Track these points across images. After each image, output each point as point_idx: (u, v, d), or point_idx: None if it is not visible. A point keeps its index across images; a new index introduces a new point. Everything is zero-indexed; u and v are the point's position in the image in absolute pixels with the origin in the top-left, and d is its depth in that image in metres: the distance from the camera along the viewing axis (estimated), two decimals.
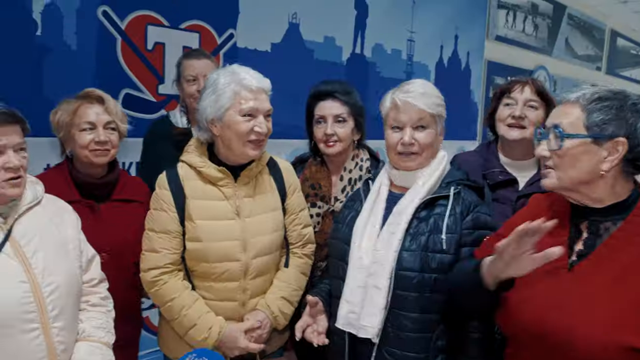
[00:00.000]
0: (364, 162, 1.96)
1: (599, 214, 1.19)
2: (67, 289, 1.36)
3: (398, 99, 1.50)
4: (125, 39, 2.47)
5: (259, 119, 1.57)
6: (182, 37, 2.67)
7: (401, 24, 3.97)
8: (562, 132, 1.16)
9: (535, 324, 1.18)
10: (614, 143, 1.13)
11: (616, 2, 6.39)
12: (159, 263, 1.58)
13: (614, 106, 1.14)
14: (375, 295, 1.43)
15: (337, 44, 3.50)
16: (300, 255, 1.77)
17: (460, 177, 1.54)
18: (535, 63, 5.63)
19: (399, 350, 1.44)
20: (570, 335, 1.11)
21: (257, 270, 1.64)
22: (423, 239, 1.43)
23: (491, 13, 4.87)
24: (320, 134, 1.91)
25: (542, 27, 5.69)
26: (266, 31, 3.07)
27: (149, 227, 1.63)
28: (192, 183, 1.61)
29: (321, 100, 1.92)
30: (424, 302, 1.41)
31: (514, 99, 1.87)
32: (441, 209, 1.47)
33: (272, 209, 1.69)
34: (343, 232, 1.59)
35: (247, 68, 1.61)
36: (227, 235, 1.60)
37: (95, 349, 1.42)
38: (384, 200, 1.55)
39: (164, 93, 2.64)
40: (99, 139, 1.70)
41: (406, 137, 1.50)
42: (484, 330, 1.42)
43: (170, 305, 1.58)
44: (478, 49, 4.77)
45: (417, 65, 4.15)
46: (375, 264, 1.45)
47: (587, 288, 1.13)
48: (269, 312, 1.66)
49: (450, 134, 4.72)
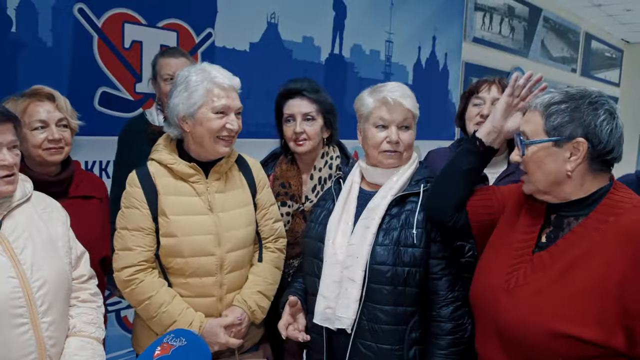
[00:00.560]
0: (334, 160, 1.98)
1: (564, 209, 1.25)
2: (57, 285, 1.37)
3: (389, 97, 1.52)
4: (101, 37, 2.46)
5: (230, 117, 1.60)
6: (159, 36, 2.67)
7: (379, 25, 4.02)
8: (523, 140, 1.24)
9: (489, 307, 1.27)
10: (574, 144, 1.17)
11: (590, 6, 6.54)
12: (134, 261, 1.58)
13: (569, 108, 1.19)
14: (350, 287, 1.47)
15: (315, 44, 3.53)
16: (273, 250, 1.79)
17: (428, 175, 1.59)
18: (511, 64, 5.73)
19: (374, 343, 1.47)
20: (515, 318, 1.19)
21: (232, 264, 1.65)
22: (395, 234, 1.48)
23: (468, 15, 4.95)
24: (289, 132, 1.92)
25: (518, 30, 5.80)
26: (244, 31, 3.09)
27: (121, 225, 1.62)
28: (163, 180, 1.62)
29: (290, 98, 1.93)
30: (397, 295, 1.45)
31: (482, 99, 1.92)
32: (412, 206, 1.51)
33: (244, 204, 1.71)
34: (316, 230, 1.62)
35: (217, 66, 1.63)
36: (201, 230, 1.61)
37: (86, 344, 1.43)
38: (355, 198, 1.59)
39: (142, 92, 2.64)
40: (53, 137, 1.67)
41: (393, 135, 1.52)
42: (456, 319, 1.47)
43: (148, 303, 1.57)
44: (455, 51, 4.84)
45: (396, 66, 4.21)
46: (350, 258, 1.48)
47: (540, 277, 1.19)
48: (246, 307, 1.67)
49: (428, 134, 4.79)
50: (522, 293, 1.20)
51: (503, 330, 1.22)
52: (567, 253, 1.18)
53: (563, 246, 1.20)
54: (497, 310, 1.24)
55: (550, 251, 1.22)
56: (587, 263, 1.14)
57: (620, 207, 1.18)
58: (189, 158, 1.65)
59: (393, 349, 1.47)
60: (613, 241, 1.13)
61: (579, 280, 1.14)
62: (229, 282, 1.66)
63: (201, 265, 1.61)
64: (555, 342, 1.13)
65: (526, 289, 1.20)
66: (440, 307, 1.47)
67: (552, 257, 1.20)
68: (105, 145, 2.46)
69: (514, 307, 1.20)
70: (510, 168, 1.86)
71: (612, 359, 1.12)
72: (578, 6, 6.57)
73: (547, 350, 1.14)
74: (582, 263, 1.15)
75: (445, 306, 1.46)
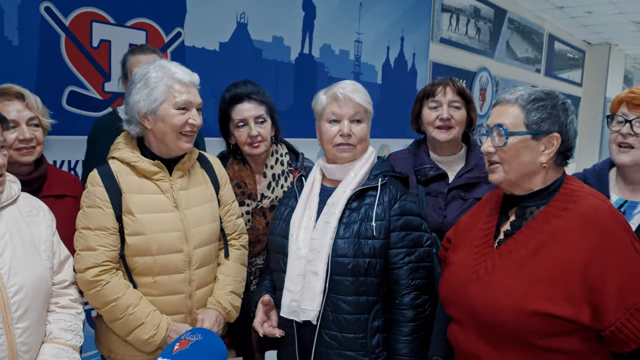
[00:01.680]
0: (283, 157, 2.04)
1: (526, 200, 1.34)
2: (34, 290, 1.35)
3: (338, 92, 1.59)
4: (69, 36, 2.45)
5: (192, 112, 1.61)
6: (128, 35, 2.67)
7: (348, 25, 4.08)
8: (507, 130, 1.30)
9: (463, 299, 1.34)
10: (550, 138, 1.29)
11: (553, 8, 6.73)
12: (98, 260, 1.54)
13: (548, 105, 1.30)
14: (313, 280, 1.52)
15: (285, 44, 3.57)
16: (238, 247, 1.82)
17: (386, 169, 1.65)
18: (478, 65, 5.86)
19: (338, 332, 1.53)
20: (487, 304, 1.27)
21: (200, 260, 1.67)
22: (355, 227, 1.54)
23: (435, 16, 5.05)
24: (244, 137, 1.94)
25: (484, 31, 5.93)
26: (214, 30, 3.10)
27: (83, 225, 1.57)
28: (126, 178, 1.61)
29: (238, 103, 1.95)
30: (358, 285, 1.51)
31: (438, 102, 1.95)
32: (371, 199, 1.57)
33: (209, 200, 1.73)
34: (280, 227, 1.67)
35: (175, 63, 1.65)
36: (169, 227, 1.61)
37: (61, 351, 1.41)
38: (317, 194, 1.65)
39: (110, 91, 2.63)
40: (24, 136, 1.65)
41: (345, 128, 1.59)
42: (417, 307, 1.53)
43: (114, 305, 1.54)
44: (423, 51, 4.94)
45: (365, 66, 4.27)
46: (312, 252, 1.54)
47: (507, 262, 1.29)
48: (221, 309, 1.70)
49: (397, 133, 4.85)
50: (491, 279, 1.29)
51: (479, 317, 1.29)
52: (532, 238, 1.28)
53: (527, 233, 1.30)
54: (469, 300, 1.31)
55: (515, 238, 1.31)
56: (552, 246, 1.24)
57: (576, 196, 1.29)
58: (151, 155, 1.64)
59: (357, 337, 1.53)
60: (574, 225, 1.24)
61: (546, 262, 1.23)
62: (197, 278, 1.67)
63: (170, 262, 1.61)
64: (529, 320, 1.21)
65: (495, 275, 1.29)
66: (402, 296, 1.53)
67: (518, 243, 1.30)
68: (73, 145, 2.45)
69: (486, 293, 1.28)
70: (469, 165, 1.94)
71: (580, 333, 1.21)
72: (541, 8, 6.76)
73: (522, 330, 1.22)
74: (547, 246, 1.25)
75: (407, 294, 1.53)
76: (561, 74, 8.27)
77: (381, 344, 1.55)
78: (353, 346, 1.53)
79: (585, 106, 9.25)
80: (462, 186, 1.92)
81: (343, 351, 1.53)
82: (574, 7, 6.65)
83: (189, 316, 1.67)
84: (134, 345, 1.59)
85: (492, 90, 6.19)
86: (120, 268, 1.60)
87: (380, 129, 4.31)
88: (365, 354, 1.53)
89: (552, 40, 7.74)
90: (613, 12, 6.61)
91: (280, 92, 3.54)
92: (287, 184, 2.01)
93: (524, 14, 6.75)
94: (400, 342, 1.52)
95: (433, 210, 1.90)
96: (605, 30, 7.89)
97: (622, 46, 9.09)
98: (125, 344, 1.61)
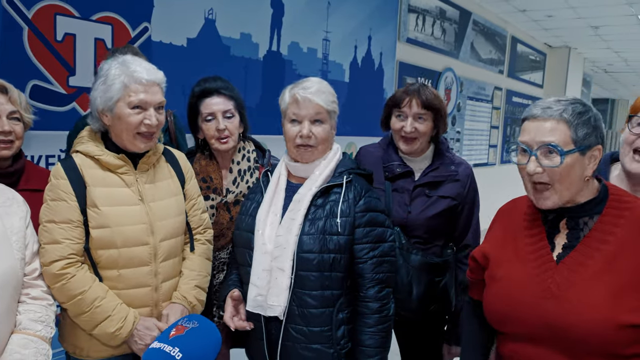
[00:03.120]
0: (250, 153, 2.06)
1: (576, 211, 1.31)
2: (3, 281, 1.33)
3: (298, 94, 1.60)
4: (32, 29, 2.41)
5: (149, 112, 1.59)
6: (93, 29, 2.64)
7: (317, 23, 4.11)
8: (562, 149, 1.24)
9: (536, 316, 1.28)
10: (593, 151, 1.27)
11: (516, 11, 6.92)
12: (63, 253, 1.53)
13: (591, 118, 1.26)
14: (279, 276, 1.55)
15: (253, 40, 3.58)
16: (204, 242, 1.83)
17: (351, 166, 1.67)
18: (443, 65, 5.98)
19: (304, 327, 1.56)
20: (571, 320, 1.22)
21: (166, 253, 1.68)
22: (320, 224, 1.56)
23: (402, 16, 5.14)
24: (212, 131, 1.96)
25: (449, 32, 6.06)
26: (182, 26, 3.08)
27: (48, 219, 1.56)
28: (91, 171, 1.60)
29: (207, 97, 1.97)
30: (323, 280, 1.55)
31: (404, 113, 1.97)
32: (336, 196, 1.60)
33: (174, 194, 1.74)
34: (246, 222, 1.68)
35: (140, 60, 1.63)
36: (134, 220, 1.61)
37: (30, 342, 1.40)
38: (283, 190, 1.66)
39: (75, 85, 2.59)
40: (3, 128, 1.64)
41: (305, 130, 1.60)
42: (381, 299, 1.58)
43: (80, 298, 1.53)
44: (390, 50, 5.01)
45: (333, 64, 4.31)
46: (278, 248, 1.56)
47: (581, 275, 1.25)
48: (186, 303, 1.70)
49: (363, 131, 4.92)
50: (569, 295, 1.24)
51: (561, 334, 1.24)
52: (598, 250, 1.25)
53: (591, 244, 1.27)
54: (546, 316, 1.26)
55: (579, 251, 1.28)
56: (625, 255, 1.22)
57: (626, 202, 1.28)
58: (116, 149, 1.64)
59: (322, 331, 1.56)
60: (638, 232, 1.23)
61: (625, 273, 1.21)
62: (163, 271, 1.68)
63: (135, 255, 1.61)
64: (618, 333, 1.17)
65: (573, 291, 1.24)
66: (366, 289, 1.57)
67: (585, 256, 1.26)
68: (37, 140, 2.41)
69: (569, 309, 1.23)
70: (434, 164, 2.01)
71: None
72: (505, 11, 6.94)
73: (610, 343, 1.18)
74: (620, 257, 1.22)
75: (371, 287, 1.57)
76: (523, 76, 8.51)
77: (346, 335, 1.59)
78: (319, 339, 1.56)
79: None
80: (427, 184, 1.97)
81: (309, 344, 1.56)
82: (536, 11, 6.85)
83: (155, 309, 1.67)
84: (100, 339, 1.59)
85: (457, 90, 6.33)
86: (85, 262, 1.59)
87: (347, 127, 4.36)
88: (330, 346, 1.57)
89: (515, 43, 7.96)
90: (572, 16, 6.85)
91: (249, 89, 3.55)
92: (252, 179, 2.03)
93: (488, 17, 6.92)
94: (365, 333, 1.56)
95: (399, 205, 1.95)
96: (565, 34, 8.16)
97: (581, 49, 9.42)
98: (91, 339, 1.60)
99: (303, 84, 1.63)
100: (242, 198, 1.98)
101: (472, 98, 6.78)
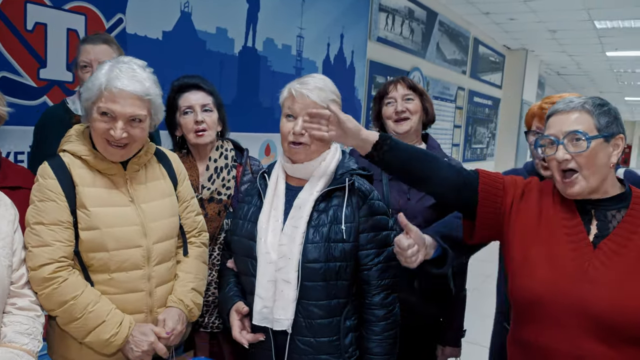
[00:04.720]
0: (228, 151, 2.04)
1: (605, 203, 1.37)
2: None
3: (294, 89, 1.54)
4: (1, 18, 2.26)
5: (117, 124, 1.48)
6: (66, 19, 2.50)
7: (291, 20, 4.06)
8: (588, 135, 1.32)
9: (571, 299, 1.30)
10: (616, 139, 1.35)
11: (479, 13, 7.07)
12: (54, 256, 1.45)
13: (610, 109, 1.36)
14: (285, 288, 1.48)
15: (229, 35, 3.50)
16: (199, 245, 1.77)
17: (351, 167, 1.61)
18: (411, 64, 6.05)
19: (311, 338, 1.51)
20: (614, 305, 1.26)
21: (160, 256, 1.61)
22: (325, 230, 1.50)
23: (373, 15, 5.15)
24: (190, 123, 1.95)
25: (417, 32, 6.12)
26: (157, 18, 2.98)
27: (36, 220, 1.47)
28: (80, 171, 1.53)
29: (186, 91, 1.97)
30: (330, 290, 1.50)
31: (392, 98, 2.06)
32: (338, 200, 1.54)
33: (167, 195, 1.67)
34: (246, 228, 1.60)
35: (131, 67, 1.52)
36: (125, 221, 1.54)
37: (15, 356, 1.32)
38: (282, 194, 1.59)
39: (46, 78, 2.46)
40: None
41: (297, 126, 1.52)
42: (388, 305, 1.55)
43: (73, 304, 1.45)
44: (361, 49, 5.02)
45: (306, 61, 4.28)
46: (282, 259, 1.49)
47: (617, 264, 1.29)
48: (183, 307, 1.64)
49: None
50: (608, 280, 1.28)
51: (599, 319, 1.26)
52: (630, 240, 1.31)
53: (622, 235, 1.32)
54: (583, 300, 1.28)
55: (612, 240, 1.32)
56: None
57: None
58: None
59: (330, 340, 1.52)
60: None
61: None
62: (157, 275, 1.61)
63: (127, 258, 1.53)
64: None
65: (611, 275, 1.28)
66: (372, 296, 1.54)
67: (620, 245, 1.31)
68: (5, 135, 2.27)
69: (610, 295, 1.26)
70: None
71: None
72: (469, 13, 7.08)
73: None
74: None
75: (377, 294, 1.54)
76: (484, 76, 8.72)
77: (354, 343, 1.55)
78: (327, 349, 1.52)
79: (504, 107, 9.83)
80: None
81: (317, 355, 1.52)
82: (499, 14, 7.02)
83: (149, 315, 1.60)
84: (93, 347, 1.50)
85: None
86: (76, 265, 1.51)
87: None
88: (339, 355, 1.53)
89: (477, 44, 8.14)
90: (533, 20, 7.06)
91: (224, 85, 3.46)
92: (229, 177, 1.99)
93: (453, 18, 7.04)
94: (372, 341, 1.53)
95: (397, 193, 1.95)
96: (523, 37, 8.41)
97: (538, 52, 9.73)
98: (82, 348, 1.52)
99: (304, 79, 1.57)
100: (216, 195, 1.95)
101: (437, 97, 6.88)
